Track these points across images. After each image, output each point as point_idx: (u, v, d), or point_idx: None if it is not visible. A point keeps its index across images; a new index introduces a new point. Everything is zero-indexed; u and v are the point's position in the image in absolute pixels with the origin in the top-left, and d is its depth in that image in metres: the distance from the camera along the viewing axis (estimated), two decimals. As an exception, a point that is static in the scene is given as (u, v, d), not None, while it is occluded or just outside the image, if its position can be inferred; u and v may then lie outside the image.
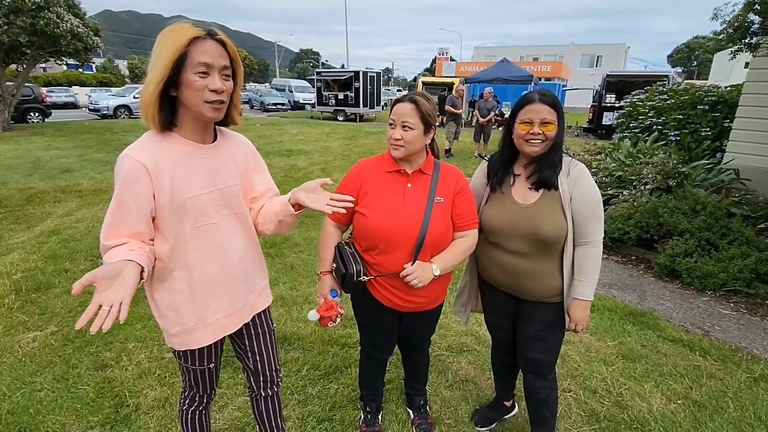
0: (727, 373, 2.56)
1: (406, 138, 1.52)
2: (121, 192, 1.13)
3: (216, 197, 1.27)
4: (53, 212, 5.28)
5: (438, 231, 1.56)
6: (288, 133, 13.87)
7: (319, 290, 1.73)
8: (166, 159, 1.16)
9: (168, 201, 1.16)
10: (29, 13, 11.39)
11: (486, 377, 2.47)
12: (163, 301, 1.28)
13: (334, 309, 1.66)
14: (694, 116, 6.24)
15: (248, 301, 1.44)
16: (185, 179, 1.19)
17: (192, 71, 1.10)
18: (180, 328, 1.30)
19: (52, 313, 3.02)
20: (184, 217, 1.20)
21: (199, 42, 1.10)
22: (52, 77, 31.87)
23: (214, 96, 1.14)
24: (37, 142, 10.69)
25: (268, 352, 1.55)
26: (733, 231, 3.84)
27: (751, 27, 3.88)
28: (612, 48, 40.80)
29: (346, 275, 1.57)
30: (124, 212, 1.13)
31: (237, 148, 1.38)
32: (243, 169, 1.38)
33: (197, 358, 1.40)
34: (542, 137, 1.54)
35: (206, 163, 1.24)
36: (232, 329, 1.41)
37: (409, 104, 1.52)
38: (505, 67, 16.42)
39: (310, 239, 4.56)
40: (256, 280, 1.47)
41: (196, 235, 1.24)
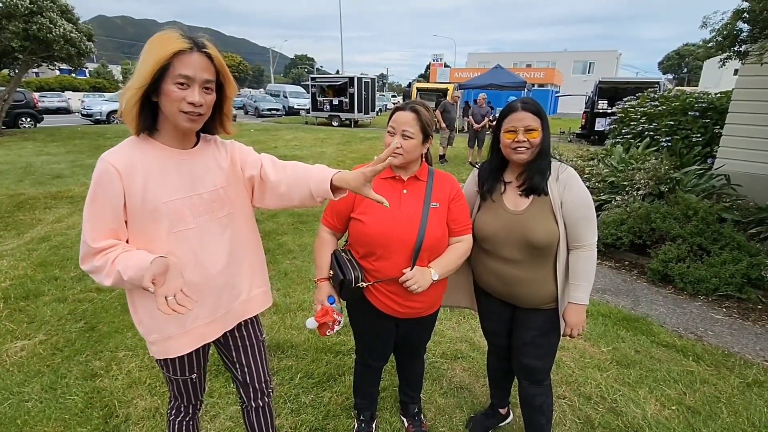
0: (721, 378, 2.57)
1: (405, 147, 1.53)
2: (95, 194, 1.14)
3: (195, 202, 1.24)
4: (43, 218, 5.22)
5: (435, 236, 1.57)
6: (282, 138, 13.86)
7: (316, 297, 1.71)
8: (141, 163, 1.16)
9: (139, 204, 1.15)
10: (22, 18, 11.34)
11: (481, 384, 2.46)
12: (141, 306, 1.26)
13: (330, 315, 1.64)
14: (685, 122, 6.31)
15: (232, 308, 1.39)
16: (159, 183, 1.18)
17: (171, 82, 1.10)
18: (158, 335, 1.27)
19: (41, 321, 2.97)
20: (159, 222, 1.18)
21: (184, 54, 1.10)
22: (44, 82, 31.70)
23: (191, 108, 1.14)
24: (29, 148, 10.59)
25: (257, 364, 1.52)
26: (725, 236, 3.88)
27: (739, 35, 3.93)
28: (604, 55, 41.27)
29: (344, 282, 1.56)
30: (102, 214, 1.14)
31: (220, 152, 1.34)
32: (231, 169, 1.34)
33: (178, 367, 1.36)
34: (527, 144, 1.56)
35: (184, 168, 1.23)
36: (213, 337, 1.37)
37: (410, 113, 1.54)
38: (499, 74, 16.53)
39: (304, 245, 4.54)
40: (245, 287, 1.42)
41: (173, 240, 1.21)
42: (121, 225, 1.17)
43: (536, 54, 43.82)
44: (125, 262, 1.11)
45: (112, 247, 1.15)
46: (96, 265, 1.14)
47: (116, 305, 3.19)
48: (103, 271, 1.14)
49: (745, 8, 3.75)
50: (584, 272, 1.61)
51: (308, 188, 1.27)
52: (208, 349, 1.45)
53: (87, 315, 3.06)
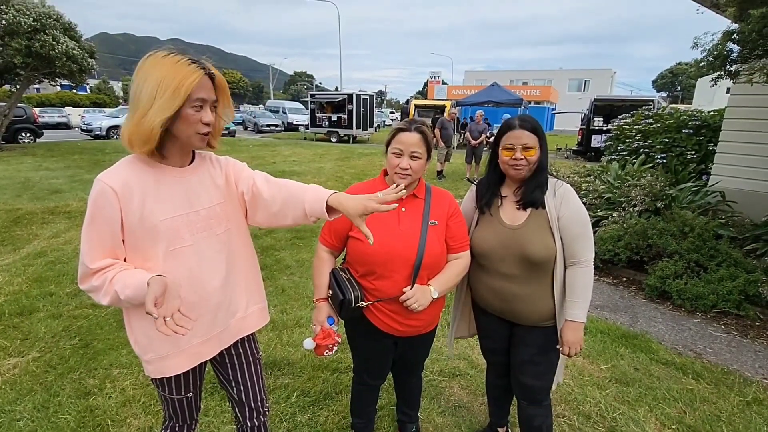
0: (720, 396, 2.55)
1: (414, 167, 1.55)
2: (93, 215, 1.14)
3: (192, 220, 1.25)
4: (40, 234, 5.20)
5: (434, 253, 1.58)
6: (281, 154, 13.94)
7: (316, 317, 1.69)
8: (138, 182, 1.17)
9: (137, 223, 1.16)
10: (25, 35, 11.50)
11: (479, 402, 2.43)
12: (137, 325, 1.25)
13: (332, 337, 1.62)
14: (680, 140, 6.40)
15: (229, 325, 1.38)
16: (156, 202, 1.19)
17: (189, 106, 1.14)
18: (153, 354, 1.26)
19: (35, 338, 2.94)
20: (157, 240, 1.19)
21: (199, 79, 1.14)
22: (45, 98, 31.94)
23: (206, 129, 1.18)
24: (28, 163, 10.62)
25: (253, 383, 1.50)
26: (721, 252, 3.89)
27: (730, 55, 4.02)
28: (599, 73, 41.99)
29: (344, 302, 1.55)
30: (100, 235, 1.15)
31: (215, 168, 1.35)
32: (226, 185, 1.35)
33: (174, 387, 1.35)
34: (524, 162, 1.59)
35: (180, 186, 1.24)
36: (209, 356, 1.36)
37: (417, 134, 1.56)
38: (496, 91, 16.80)
39: (302, 261, 4.53)
40: (242, 304, 1.41)
41: (170, 258, 1.21)
42: (118, 244, 1.18)
43: (532, 72, 44.54)
44: (122, 282, 1.12)
45: (109, 266, 1.16)
46: (94, 285, 1.15)
47: (111, 321, 3.16)
48: (101, 290, 1.15)
49: (735, 30, 3.85)
50: (581, 289, 1.60)
51: (303, 207, 1.28)
52: (204, 368, 1.44)
53: (82, 331, 3.03)
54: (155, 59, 1.12)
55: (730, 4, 3.60)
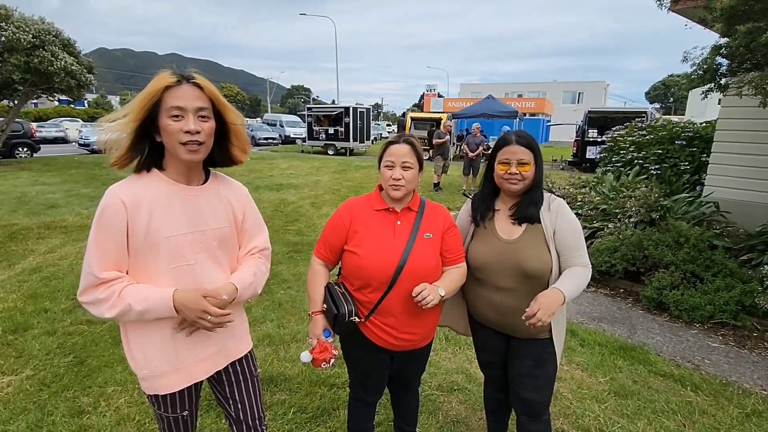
0: (719, 408, 2.54)
1: (407, 177, 1.58)
2: (101, 226, 1.16)
3: (196, 239, 1.26)
4: (36, 249, 5.18)
5: (427, 265, 1.58)
6: (278, 167, 13.98)
7: (312, 331, 1.69)
8: (148, 197, 1.19)
9: (143, 239, 1.18)
10: (24, 51, 11.58)
11: (477, 417, 2.41)
12: (135, 341, 1.26)
13: (329, 351, 1.62)
14: (673, 151, 6.46)
15: (225, 346, 1.39)
16: (162, 218, 1.20)
17: (166, 116, 1.16)
18: (148, 371, 1.26)
19: (29, 356, 2.91)
20: (159, 256, 1.21)
21: (173, 88, 1.16)
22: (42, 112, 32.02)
23: (188, 137, 1.17)
24: (24, 178, 10.60)
25: (251, 401, 1.49)
26: (717, 263, 3.91)
27: (719, 69, 4.09)
28: (593, 85, 42.55)
29: (338, 316, 1.56)
30: (106, 246, 1.16)
31: (232, 194, 1.39)
32: (235, 216, 1.38)
33: (169, 405, 1.34)
34: (519, 177, 1.62)
35: (188, 204, 1.26)
36: (203, 376, 1.36)
37: (406, 145, 1.60)
38: (491, 103, 16.96)
39: (299, 275, 4.52)
40: (235, 325, 1.41)
41: (171, 275, 1.23)
42: (123, 257, 1.19)
43: (527, 84, 45.07)
44: (138, 295, 1.16)
45: (116, 279, 1.17)
46: (99, 297, 1.15)
47: (107, 338, 3.13)
48: (106, 302, 1.15)
49: (723, 44, 3.92)
50: (575, 278, 1.59)
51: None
52: (200, 387, 1.44)
53: (76, 348, 3.00)
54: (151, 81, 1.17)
55: (718, 20, 3.68)
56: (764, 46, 3.33)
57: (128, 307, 1.15)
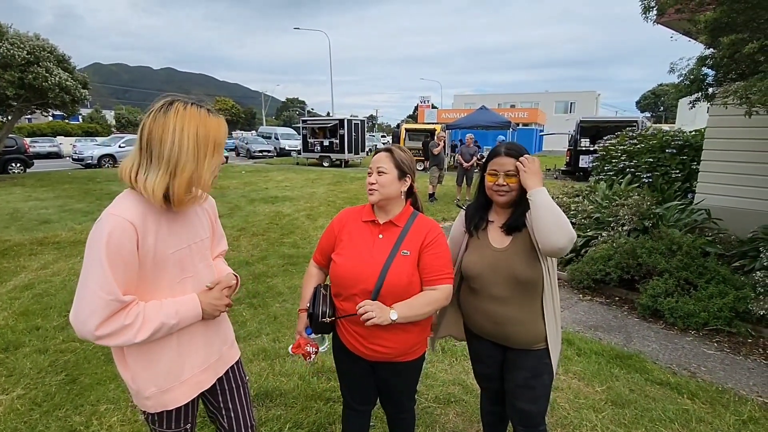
0: (716, 416, 2.54)
1: (381, 181, 1.60)
2: (110, 252, 1.09)
3: (193, 251, 1.31)
4: (28, 266, 5.13)
5: (400, 283, 1.54)
6: (273, 179, 13.99)
7: (297, 327, 1.80)
8: (150, 216, 1.19)
9: (152, 257, 1.18)
10: (18, 67, 11.61)
11: (475, 429, 2.39)
12: (137, 361, 1.24)
13: (302, 348, 1.72)
14: (664, 159, 6.55)
15: (222, 353, 1.45)
16: (167, 235, 1.22)
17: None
18: (156, 388, 1.26)
19: (20, 374, 2.86)
20: (167, 272, 1.23)
21: None
22: (36, 127, 31.97)
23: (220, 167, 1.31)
24: (17, 193, 10.54)
25: (243, 408, 1.52)
26: (710, 270, 3.94)
27: (705, 79, 4.18)
28: (584, 95, 43.11)
29: (312, 315, 1.65)
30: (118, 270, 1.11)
31: (208, 204, 1.46)
32: (211, 225, 1.46)
33: (173, 420, 1.34)
34: (507, 188, 1.64)
35: (185, 218, 1.30)
36: (208, 384, 1.39)
37: (384, 153, 1.67)
38: (484, 114, 17.14)
39: (295, 288, 4.50)
40: (227, 332, 1.50)
41: (178, 289, 1.26)
42: (133, 279, 1.16)
43: (520, 95, 45.60)
44: (165, 311, 1.20)
45: (134, 302, 1.16)
46: (126, 323, 1.11)
47: (99, 355, 3.09)
48: (134, 327, 1.13)
49: (708, 55, 4.01)
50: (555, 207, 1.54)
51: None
52: (198, 399, 1.45)
53: (68, 366, 2.96)
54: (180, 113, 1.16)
55: (702, 32, 3.77)
56: (747, 56, 3.41)
57: (160, 324, 1.17)
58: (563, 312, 4.07)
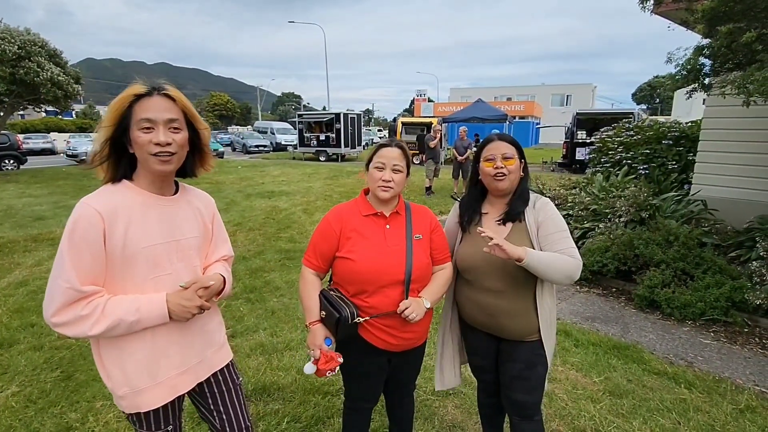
0: (713, 405, 2.55)
1: (396, 180, 1.61)
2: (76, 239, 1.11)
3: (172, 248, 1.26)
4: (22, 262, 5.08)
5: (422, 266, 1.63)
6: (270, 174, 13.93)
7: (312, 342, 1.63)
8: (123, 207, 1.17)
9: (120, 250, 1.15)
10: (9, 63, 11.46)
11: (474, 422, 2.39)
12: (110, 358, 1.21)
13: (335, 360, 1.58)
14: (660, 150, 6.54)
15: (205, 357, 1.37)
16: (139, 229, 1.19)
17: (137, 128, 1.15)
18: (128, 388, 1.21)
19: (15, 371, 2.84)
20: (137, 267, 1.19)
21: (143, 99, 1.16)
22: (30, 124, 31.67)
23: (158, 149, 1.17)
24: (10, 190, 10.44)
25: (236, 411, 1.46)
26: (706, 260, 3.95)
27: (702, 69, 4.16)
28: (580, 88, 43.05)
29: (341, 319, 1.53)
30: (83, 260, 1.11)
31: (201, 204, 1.40)
32: (206, 227, 1.40)
33: (152, 422, 1.29)
34: (505, 171, 1.63)
35: (163, 214, 1.25)
36: (185, 388, 1.33)
37: (397, 149, 1.65)
38: (481, 107, 17.07)
39: (292, 282, 4.48)
40: (215, 334, 1.41)
41: (150, 285, 1.21)
42: (101, 271, 1.15)
43: (516, 88, 45.47)
44: (126, 306, 1.14)
45: (96, 293, 1.13)
46: (81, 314, 1.10)
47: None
48: (90, 319, 1.11)
49: (706, 45, 3.99)
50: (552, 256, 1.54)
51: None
52: (182, 400, 1.40)
53: (64, 363, 2.94)
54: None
55: (699, 22, 3.75)
56: (745, 46, 3.39)
57: (118, 320, 1.12)
58: (560, 304, 4.08)
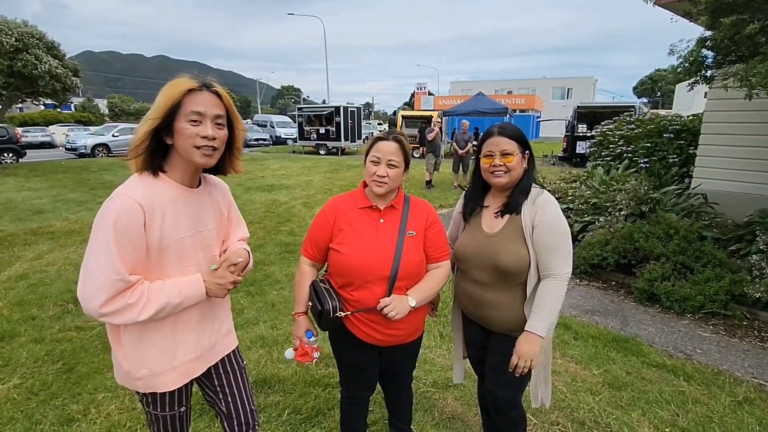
0: (712, 397, 2.56)
1: (391, 175, 1.57)
2: (118, 229, 1.11)
3: (196, 240, 1.30)
4: (22, 256, 5.08)
5: (412, 264, 1.58)
6: (270, 168, 13.90)
7: (295, 332, 1.70)
8: (158, 200, 1.20)
9: (157, 241, 1.19)
10: (7, 55, 11.39)
11: (473, 413, 2.41)
12: (132, 342, 1.26)
13: (309, 355, 1.66)
14: (661, 144, 6.52)
15: (216, 342, 1.44)
16: (173, 221, 1.23)
17: (185, 119, 1.17)
18: (147, 370, 1.27)
19: (16, 364, 2.85)
20: (169, 258, 1.23)
21: (194, 93, 1.18)
22: (28, 117, 31.53)
23: (205, 142, 1.19)
24: (9, 183, 10.42)
25: (241, 392, 1.51)
26: (706, 254, 3.95)
27: (705, 61, 4.13)
28: (581, 81, 42.84)
29: (322, 312, 1.56)
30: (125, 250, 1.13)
31: (219, 194, 1.43)
32: (222, 215, 1.43)
33: (167, 403, 1.36)
34: (504, 168, 1.60)
35: (190, 207, 1.29)
36: (199, 372, 1.39)
37: (394, 143, 1.59)
38: (481, 101, 17.01)
39: (292, 275, 4.48)
40: (224, 322, 1.48)
41: (179, 275, 1.27)
42: (141, 260, 1.18)
43: (516, 81, 45.24)
44: (168, 290, 1.20)
45: (140, 281, 1.18)
46: (130, 301, 1.14)
47: (96, 344, 3.08)
48: (138, 306, 1.15)
49: (708, 37, 3.96)
50: (548, 302, 1.54)
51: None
52: (192, 385, 1.44)
53: (65, 355, 2.95)
54: (166, 84, 1.18)
55: (702, 13, 3.71)
56: (748, 38, 3.37)
57: (165, 303, 1.18)
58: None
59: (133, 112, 42.25)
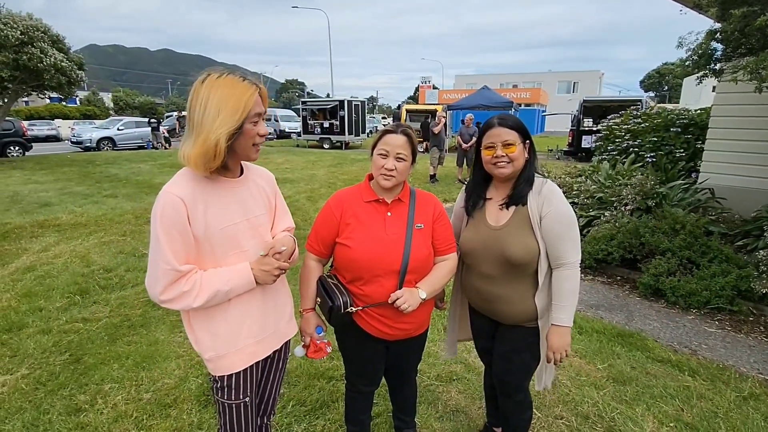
0: (717, 392, 2.55)
1: (399, 168, 1.56)
2: (165, 225, 1.19)
3: (246, 227, 1.35)
4: (29, 248, 5.13)
5: (421, 256, 1.58)
6: (274, 161, 13.90)
7: (304, 329, 1.69)
8: (201, 193, 1.24)
9: (203, 231, 1.24)
10: (12, 48, 11.41)
11: (477, 407, 2.41)
12: (200, 325, 1.34)
13: (323, 350, 1.67)
14: (668, 138, 6.46)
15: (278, 328, 1.49)
16: (218, 211, 1.27)
17: (249, 121, 1.23)
18: (214, 353, 1.34)
19: (24, 354, 2.88)
20: (217, 246, 1.28)
21: (255, 95, 1.24)
22: (34, 110, 31.68)
23: (261, 139, 1.30)
24: (16, 176, 10.49)
25: (276, 380, 1.59)
26: (713, 249, 3.92)
27: (714, 54, 4.08)
28: (587, 74, 42.45)
29: (333, 308, 1.55)
30: (175, 242, 1.20)
31: (264, 181, 1.47)
32: (270, 203, 1.47)
33: (233, 388, 1.39)
34: (506, 159, 1.58)
35: (236, 195, 1.33)
36: (263, 355, 1.44)
37: (403, 136, 1.58)
38: (486, 94, 16.87)
39: (296, 269, 4.46)
40: (285, 307, 1.52)
41: (230, 262, 1.31)
42: (191, 250, 1.25)
43: (522, 75, 44.92)
44: (218, 278, 1.25)
45: (192, 270, 1.24)
46: (184, 289, 1.21)
47: (103, 335, 3.11)
48: (193, 293, 1.22)
49: (718, 29, 3.90)
50: (566, 291, 1.57)
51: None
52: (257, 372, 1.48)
53: (72, 346, 2.98)
54: (211, 82, 1.19)
55: (712, 5, 3.66)
56: (759, 30, 3.31)
57: (215, 291, 1.24)
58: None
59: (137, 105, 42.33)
